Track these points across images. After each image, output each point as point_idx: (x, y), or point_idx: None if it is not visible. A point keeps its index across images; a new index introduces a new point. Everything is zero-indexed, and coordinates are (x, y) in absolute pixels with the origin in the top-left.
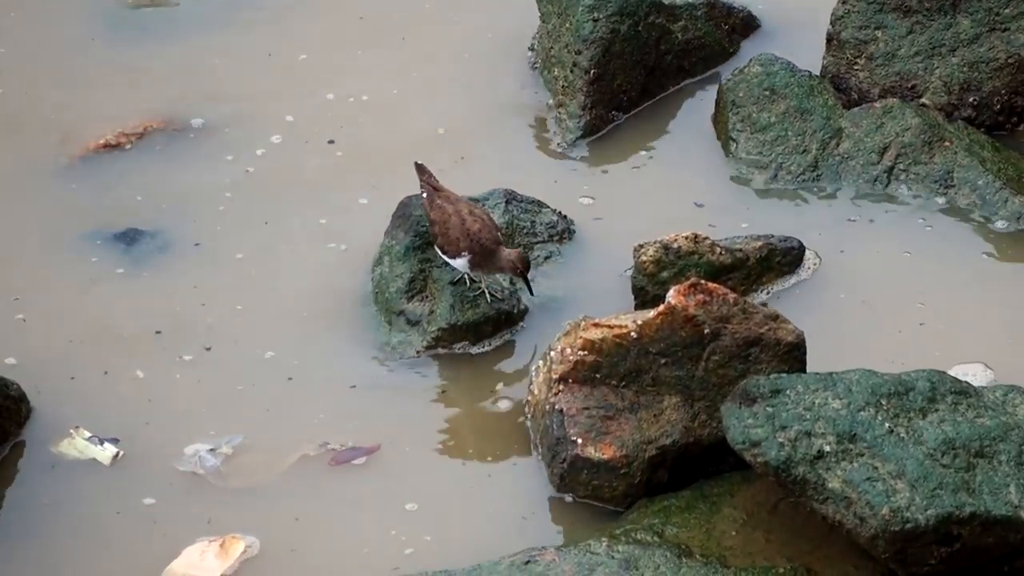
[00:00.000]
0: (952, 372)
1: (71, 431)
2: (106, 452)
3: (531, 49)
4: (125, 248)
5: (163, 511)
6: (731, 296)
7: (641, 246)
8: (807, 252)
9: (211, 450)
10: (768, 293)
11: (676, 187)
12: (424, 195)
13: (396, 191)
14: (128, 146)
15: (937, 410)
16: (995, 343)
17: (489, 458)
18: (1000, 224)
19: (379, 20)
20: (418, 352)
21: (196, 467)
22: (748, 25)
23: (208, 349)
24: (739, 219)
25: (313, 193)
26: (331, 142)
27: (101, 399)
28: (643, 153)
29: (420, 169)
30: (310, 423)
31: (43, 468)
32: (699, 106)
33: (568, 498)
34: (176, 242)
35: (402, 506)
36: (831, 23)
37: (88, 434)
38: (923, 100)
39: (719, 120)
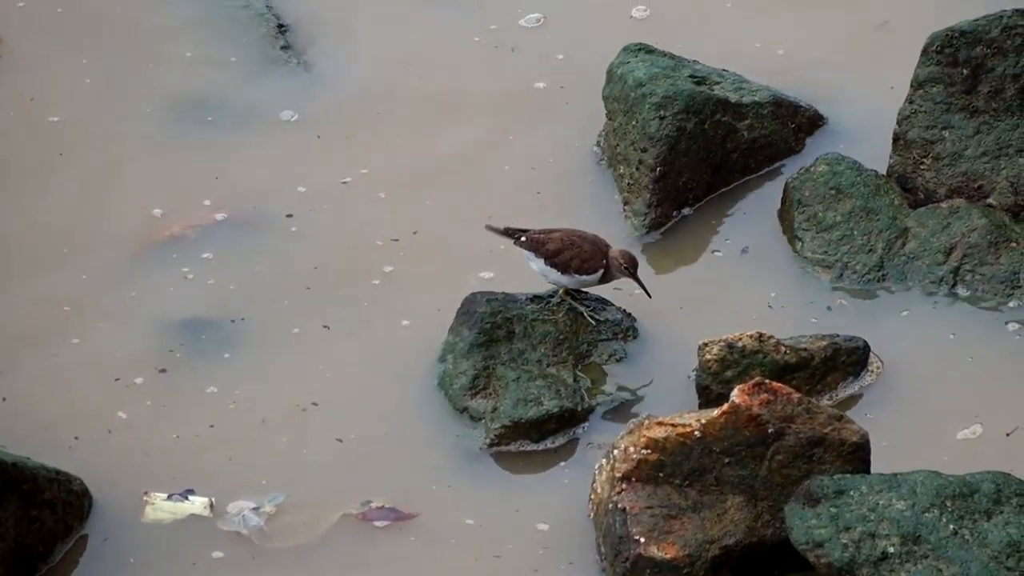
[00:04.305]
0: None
1: (144, 498)
2: (197, 505)
3: (598, 145)
4: (189, 338)
5: None
6: (795, 395)
7: (705, 344)
8: (872, 352)
9: (255, 509)
10: (833, 393)
11: (741, 285)
12: (524, 241)
13: (462, 282)
14: (192, 236)
15: (1002, 512)
16: None
17: (549, 557)
18: None
19: (445, 111)
20: (481, 448)
21: (240, 527)
22: (814, 123)
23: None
24: (804, 318)
25: (378, 280)
26: (395, 240)
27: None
28: (708, 251)
29: (505, 232)
30: (354, 484)
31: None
32: (764, 203)
33: None
34: (239, 327)
35: None
36: (898, 123)
37: (164, 495)
38: (990, 200)
39: (785, 218)
